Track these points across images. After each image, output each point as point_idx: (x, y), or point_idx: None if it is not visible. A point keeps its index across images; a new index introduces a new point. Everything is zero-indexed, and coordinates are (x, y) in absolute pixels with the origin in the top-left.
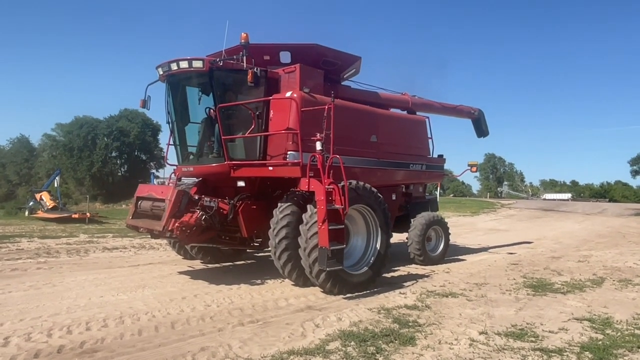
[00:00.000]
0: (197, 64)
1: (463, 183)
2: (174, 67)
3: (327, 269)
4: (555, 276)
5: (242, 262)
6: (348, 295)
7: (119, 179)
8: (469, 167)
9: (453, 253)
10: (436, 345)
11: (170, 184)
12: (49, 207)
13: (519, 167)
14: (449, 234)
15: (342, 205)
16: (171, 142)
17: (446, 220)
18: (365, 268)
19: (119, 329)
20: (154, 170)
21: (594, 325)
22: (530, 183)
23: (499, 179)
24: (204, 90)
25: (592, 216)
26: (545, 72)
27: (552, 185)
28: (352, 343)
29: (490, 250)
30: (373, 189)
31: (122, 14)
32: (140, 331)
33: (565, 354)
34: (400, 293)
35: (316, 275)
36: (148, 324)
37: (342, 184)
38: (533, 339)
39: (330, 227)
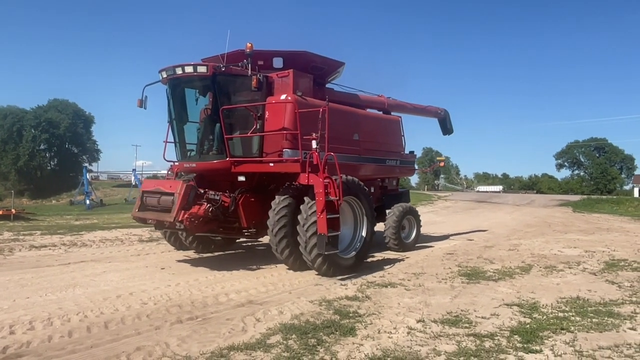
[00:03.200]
0: (202, 69)
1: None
2: (178, 71)
3: (325, 252)
4: (488, 264)
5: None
6: (290, 289)
7: (48, 173)
8: (438, 162)
9: None
10: (376, 335)
11: (167, 178)
12: None
13: (454, 161)
14: (421, 222)
15: (336, 197)
16: (169, 140)
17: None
18: (353, 253)
19: (47, 331)
20: (86, 164)
21: (522, 310)
22: (465, 176)
23: (436, 172)
24: (206, 92)
25: (521, 207)
26: (476, 72)
27: (485, 178)
28: (294, 336)
29: (427, 241)
30: (360, 182)
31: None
32: (70, 332)
33: (496, 338)
34: (341, 284)
35: (313, 259)
36: (79, 324)
37: (336, 177)
38: (467, 325)
39: (328, 216)
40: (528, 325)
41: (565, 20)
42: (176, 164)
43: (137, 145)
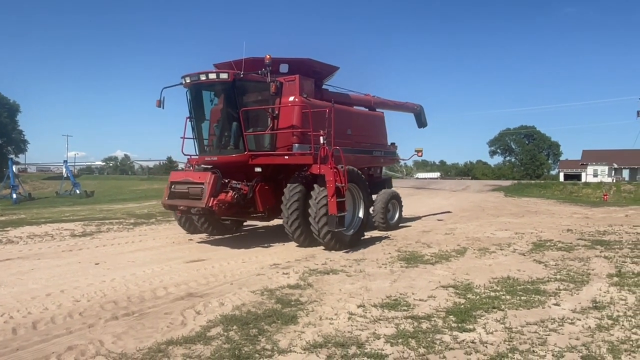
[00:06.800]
0: (224, 76)
1: None
2: (202, 77)
3: (335, 230)
4: (426, 248)
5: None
6: (231, 280)
7: None
8: (416, 152)
9: None
10: (317, 322)
11: (186, 170)
12: None
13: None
14: (402, 205)
15: (342, 183)
16: (187, 136)
17: None
18: (352, 231)
19: None
20: (12, 156)
21: (457, 291)
22: (405, 163)
23: None
24: (225, 95)
25: (457, 192)
26: (414, 62)
27: (424, 165)
28: (235, 327)
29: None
30: (359, 171)
31: None
32: None
33: (433, 319)
34: (283, 273)
35: (323, 236)
36: (4, 326)
37: (342, 167)
38: (405, 308)
39: (337, 200)
40: (462, 306)
41: (497, 14)
42: (194, 157)
43: (68, 136)
